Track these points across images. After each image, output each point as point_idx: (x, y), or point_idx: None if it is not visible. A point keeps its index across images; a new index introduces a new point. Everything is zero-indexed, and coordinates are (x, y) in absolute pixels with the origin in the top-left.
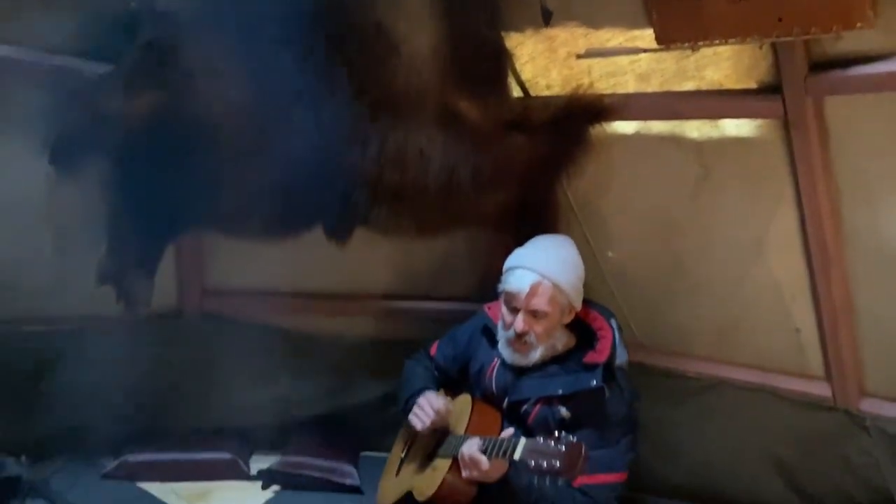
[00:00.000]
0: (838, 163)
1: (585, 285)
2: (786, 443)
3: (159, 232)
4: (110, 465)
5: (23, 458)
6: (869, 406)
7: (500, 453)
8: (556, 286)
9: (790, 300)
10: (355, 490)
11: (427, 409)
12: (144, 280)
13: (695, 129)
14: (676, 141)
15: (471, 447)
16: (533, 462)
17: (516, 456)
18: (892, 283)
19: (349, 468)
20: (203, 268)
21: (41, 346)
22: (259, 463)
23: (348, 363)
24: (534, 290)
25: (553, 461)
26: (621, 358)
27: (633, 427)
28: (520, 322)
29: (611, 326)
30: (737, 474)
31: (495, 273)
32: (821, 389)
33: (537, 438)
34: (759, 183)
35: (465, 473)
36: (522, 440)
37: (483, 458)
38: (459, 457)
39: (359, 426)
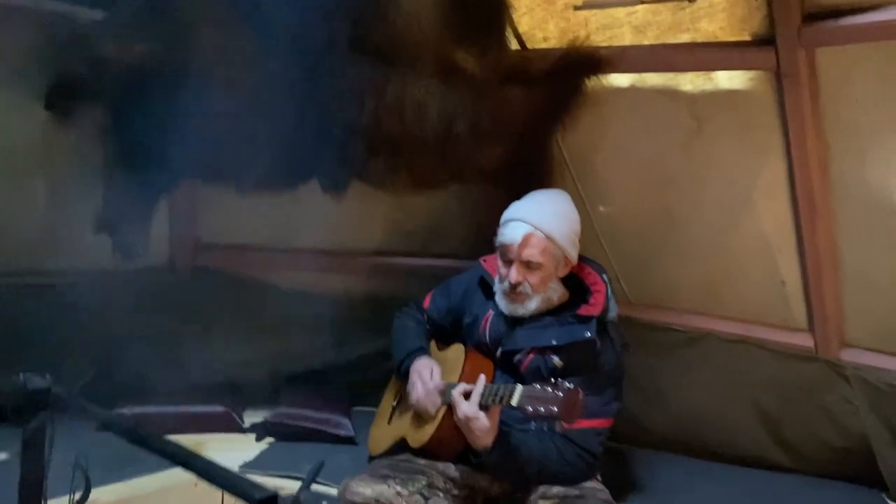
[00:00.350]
0: (828, 114)
1: (582, 239)
2: (768, 393)
3: (155, 182)
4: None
5: (47, 375)
6: (849, 356)
7: (497, 400)
8: (548, 237)
9: (776, 252)
10: (349, 441)
11: (429, 385)
12: (140, 229)
13: (688, 82)
14: (670, 94)
15: (470, 405)
16: (531, 408)
17: (513, 402)
18: (876, 235)
19: (343, 419)
20: (196, 222)
21: (33, 299)
22: (252, 417)
23: (341, 319)
24: (526, 241)
25: (551, 406)
26: (612, 312)
27: (620, 377)
28: (513, 273)
29: (604, 281)
30: (720, 424)
31: (488, 229)
32: (803, 340)
33: (534, 385)
34: (750, 135)
35: (460, 415)
36: (519, 387)
37: (481, 415)
38: (454, 407)
39: (351, 381)
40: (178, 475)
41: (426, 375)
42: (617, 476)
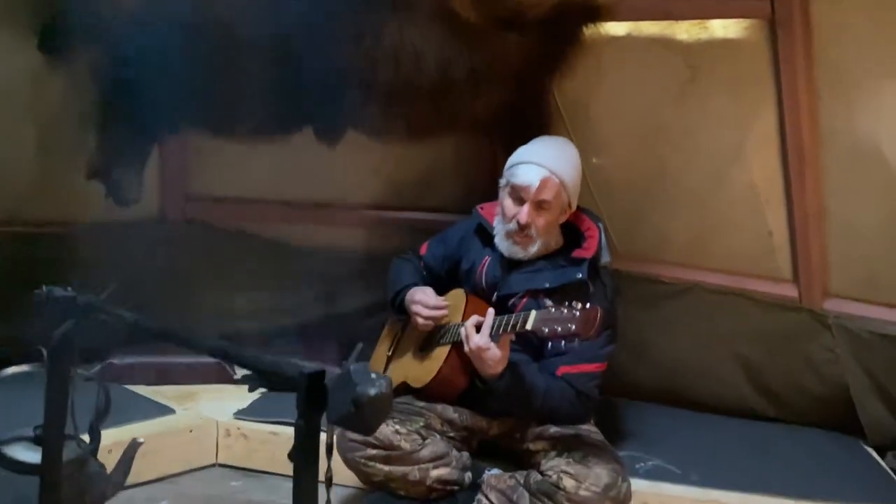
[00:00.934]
0: (821, 62)
1: None
2: (752, 343)
3: (148, 127)
4: (94, 368)
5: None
6: (832, 305)
7: (510, 328)
8: (562, 183)
9: (765, 203)
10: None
11: (428, 301)
12: (133, 176)
13: (684, 31)
14: (666, 42)
15: (482, 336)
16: (547, 329)
17: (529, 326)
18: (863, 185)
19: (335, 370)
20: (187, 173)
21: (22, 249)
22: (244, 371)
23: (333, 273)
24: (543, 184)
25: (568, 325)
26: (605, 258)
27: (613, 322)
28: (524, 213)
29: (598, 227)
30: (704, 375)
31: (481, 183)
32: (788, 291)
33: (549, 308)
34: (743, 85)
35: (472, 346)
36: (534, 312)
37: (492, 345)
38: (465, 338)
39: (343, 335)
40: (171, 422)
41: (426, 296)
42: (603, 424)
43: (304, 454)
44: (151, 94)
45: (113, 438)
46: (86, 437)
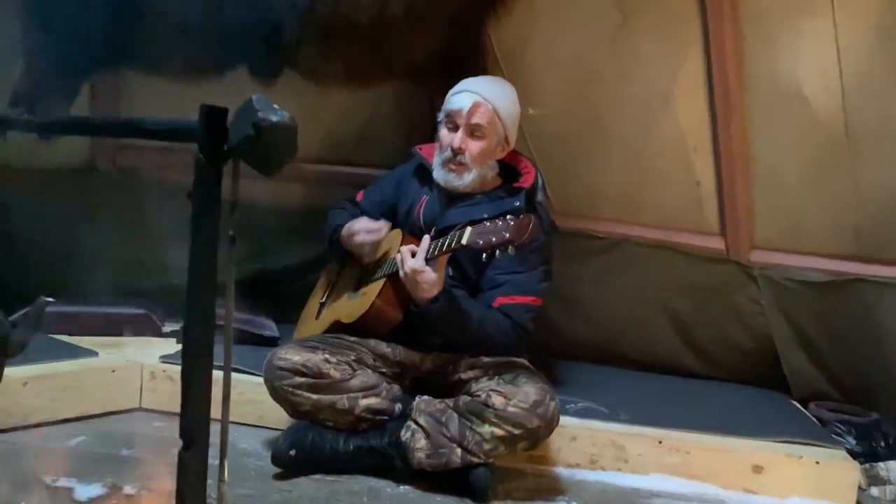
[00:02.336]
0: (744, 3)
1: None
2: (682, 296)
3: (77, 59)
4: (19, 312)
5: None
6: (757, 257)
7: (446, 247)
8: (495, 110)
9: (692, 151)
10: (273, 342)
11: (368, 226)
12: (61, 108)
13: None
14: None
15: (417, 259)
16: (482, 241)
17: (464, 241)
18: (786, 129)
19: (267, 321)
20: (119, 115)
21: None
22: (173, 327)
23: (268, 228)
24: (474, 108)
25: (502, 233)
26: (541, 196)
27: (549, 258)
28: (457, 139)
29: (535, 168)
30: (636, 330)
31: (419, 138)
32: (715, 243)
33: (483, 222)
34: (672, 27)
35: (407, 269)
36: (468, 228)
37: (427, 268)
38: (400, 263)
39: (278, 291)
40: (94, 362)
41: (365, 222)
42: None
43: (203, 194)
44: (81, 26)
45: (31, 373)
46: None
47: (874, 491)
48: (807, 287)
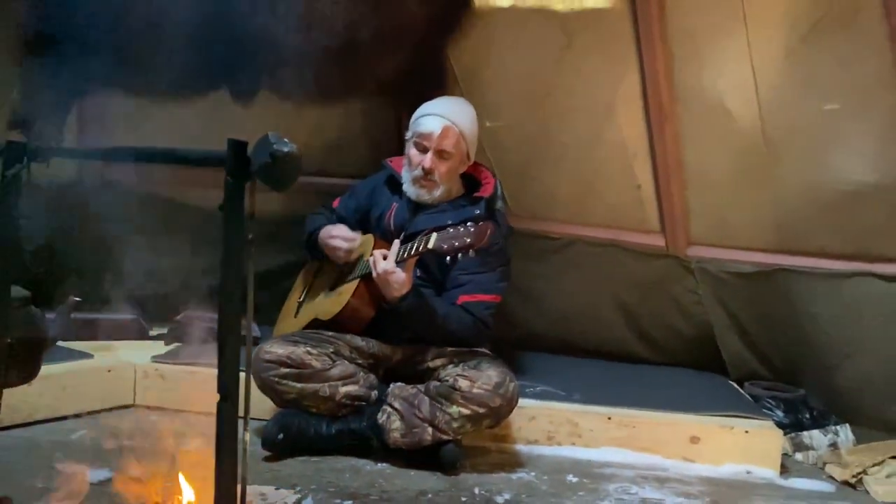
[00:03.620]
0: (672, 26)
1: None
2: (629, 289)
3: (68, 84)
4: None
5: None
6: (694, 251)
7: (413, 251)
8: (461, 133)
9: (632, 158)
10: (255, 341)
11: (345, 234)
12: (53, 130)
13: (560, 1)
14: (545, 13)
15: (388, 262)
16: (446, 245)
17: (430, 245)
18: (712, 137)
19: (250, 323)
20: (106, 136)
21: None
22: (160, 330)
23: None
24: (444, 133)
25: (464, 238)
26: (500, 204)
27: (507, 260)
28: (428, 160)
29: (494, 178)
30: (588, 321)
31: (386, 149)
32: (656, 240)
33: (447, 228)
34: (611, 47)
35: (379, 270)
36: (433, 234)
37: (398, 269)
38: (373, 265)
39: (259, 294)
40: (90, 363)
41: (341, 230)
42: None
43: (231, 206)
44: (71, 52)
45: None
46: None
47: (798, 456)
48: (738, 277)
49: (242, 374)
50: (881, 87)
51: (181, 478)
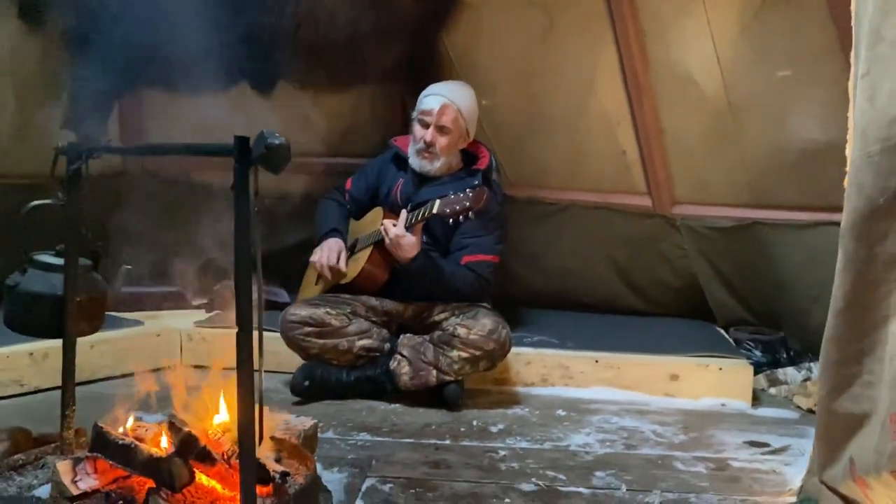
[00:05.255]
0: (641, 7)
1: None
2: (620, 248)
3: (111, 84)
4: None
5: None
6: (679, 210)
7: (420, 217)
8: (459, 110)
9: (616, 126)
10: (285, 306)
11: (332, 255)
12: (99, 126)
13: None
14: None
15: (398, 227)
16: (448, 209)
17: (434, 210)
18: (684, 105)
19: (279, 290)
20: (143, 130)
21: (8, 199)
22: (201, 300)
23: (275, 214)
24: (443, 110)
25: (464, 202)
26: (495, 175)
27: (503, 224)
28: (429, 134)
29: (490, 152)
30: (584, 278)
31: (393, 130)
32: (643, 201)
33: (448, 195)
34: (589, 27)
35: (391, 236)
36: (437, 200)
37: (408, 234)
38: (384, 232)
39: (285, 266)
40: (140, 329)
41: (328, 249)
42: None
43: (241, 187)
44: (110, 55)
45: (95, 338)
46: None
47: (772, 391)
48: (718, 232)
49: (271, 336)
50: (827, 55)
51: (221, 400)
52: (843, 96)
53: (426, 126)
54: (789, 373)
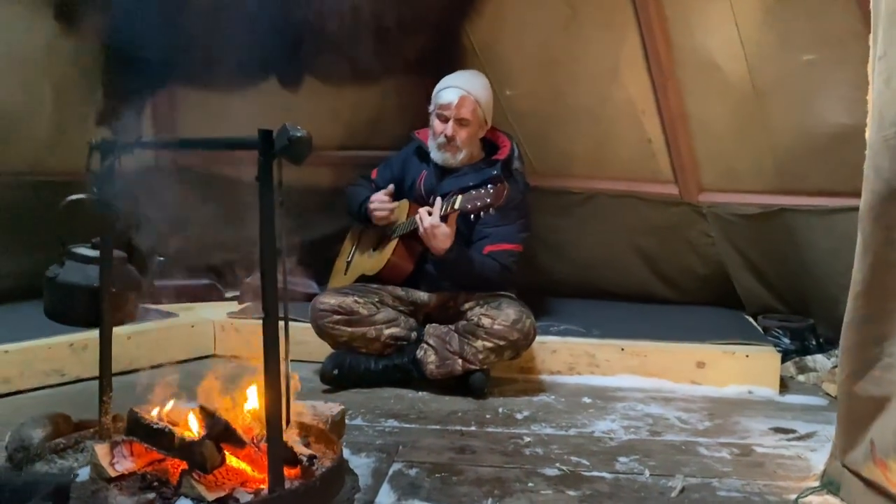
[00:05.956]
0: None
1: (492, 121)
2: (646, 236)
3: (144, 82)
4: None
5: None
6: (705, 198)
7: (449, 208)
8: (476, 101)
9: (641, 114)
10: (311, 297)
11: (380, 202)
12: (132, 122)
13: None
14: None
15: (433, 217)
16: (469, 205)
17: (457, 206)
18: (709, 90)
19: (310, 281)
20: (175, 126)
21: (45, 195)
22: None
23: (304, 206)
24: (461, 102)
25: (485, 198)
26: (517, 164)
27: (526, 213)
28: (449, 128)
29: (511, 141)
30: (612, 267)
31: (418, 122)
32: (670, 189)
33: (469, 191)
34: (611, 16)
35: (426, 225)
36: (459, 196)
37: (442, 224)
38: (419, 221)
39: (316, 257)
40: (175, 320)
41: (378, 195)
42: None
43: (264, 179)
44: (143, 53)
45: (132, 330)
46: None
47: (801, 378)
48: (746, 219)
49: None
50: (852, 37)
51: (251, 390)
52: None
53: (445, 120)
54: (818, 360)
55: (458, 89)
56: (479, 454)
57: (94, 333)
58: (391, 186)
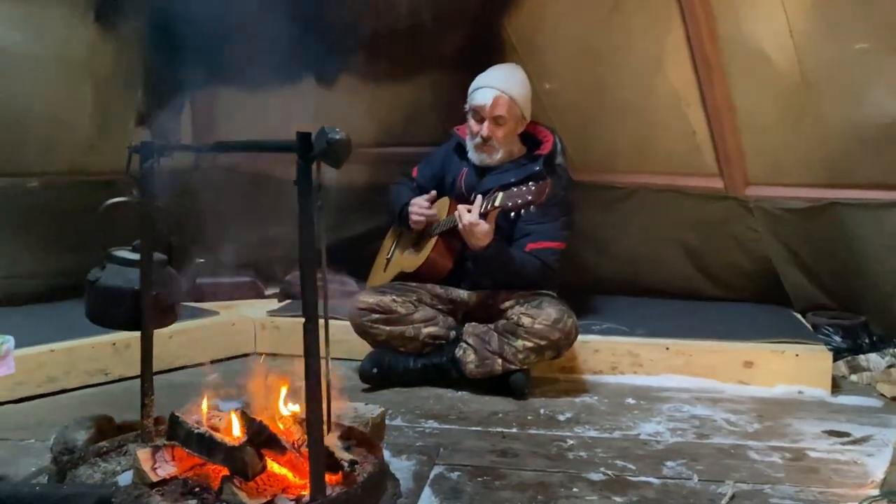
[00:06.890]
0: None
1: (532, 115)
2: (691, 231)
3: (183, 82)
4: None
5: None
6: (752, 191)
7: (490, 206)
8: (511, 98)
9: (685, 106)
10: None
11: (420, 206)
12: (173, 122)
13: None
14: None
15: (472, 215)
16: (510, 202)
17: (497, 203)
18: (757, 82)
19: (349, 279)
20: (215, 126)
21: (86, 195)
22: (273, 289)
23: (343, 204)
24: (496, 102)
25: (526, 196)
26: (560, 159)
27: (568, 209)
28: (485, 128)
29: (553, 135)
30: (656, 263)
31: (456, 118)
32: (715, 183)
33: (510, 188)
34: (655, 6)
35: (465, 222)
36: (500, 193)
37: (481, 221)
38: (459, 218)
39: (354, 255)
40: (217, 319)
41: (419, 200)
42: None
43: (304, 181)
44: (182, 56)
45: (174, 329)
46: None
47: (854, 378)
48: (794, 214)
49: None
50: None
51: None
52: None
53: (481, 120)
54: (872, 359)
55: (491, 89)
56: (522, 457)
57: (136, 333)
58: (433, 192)
